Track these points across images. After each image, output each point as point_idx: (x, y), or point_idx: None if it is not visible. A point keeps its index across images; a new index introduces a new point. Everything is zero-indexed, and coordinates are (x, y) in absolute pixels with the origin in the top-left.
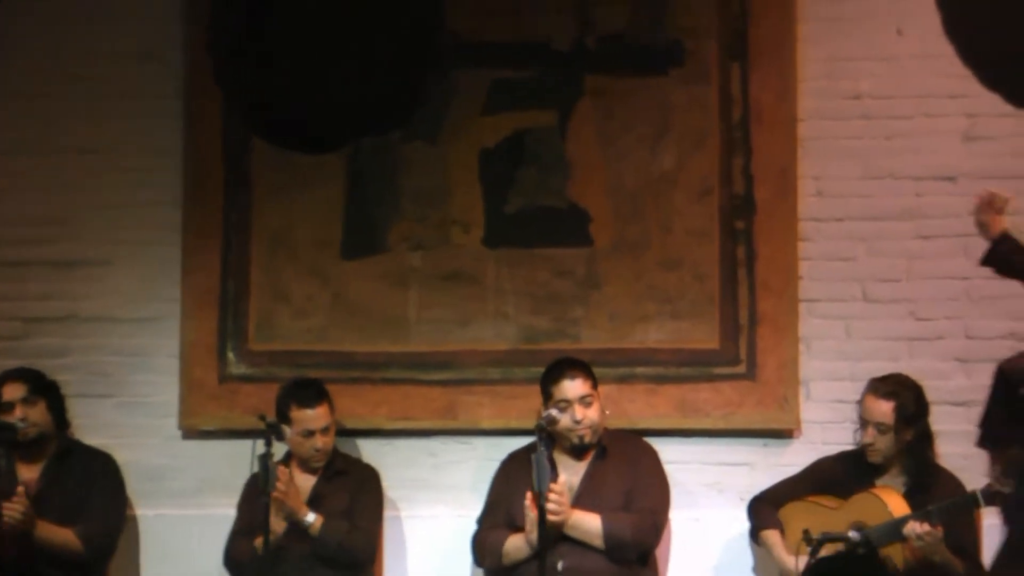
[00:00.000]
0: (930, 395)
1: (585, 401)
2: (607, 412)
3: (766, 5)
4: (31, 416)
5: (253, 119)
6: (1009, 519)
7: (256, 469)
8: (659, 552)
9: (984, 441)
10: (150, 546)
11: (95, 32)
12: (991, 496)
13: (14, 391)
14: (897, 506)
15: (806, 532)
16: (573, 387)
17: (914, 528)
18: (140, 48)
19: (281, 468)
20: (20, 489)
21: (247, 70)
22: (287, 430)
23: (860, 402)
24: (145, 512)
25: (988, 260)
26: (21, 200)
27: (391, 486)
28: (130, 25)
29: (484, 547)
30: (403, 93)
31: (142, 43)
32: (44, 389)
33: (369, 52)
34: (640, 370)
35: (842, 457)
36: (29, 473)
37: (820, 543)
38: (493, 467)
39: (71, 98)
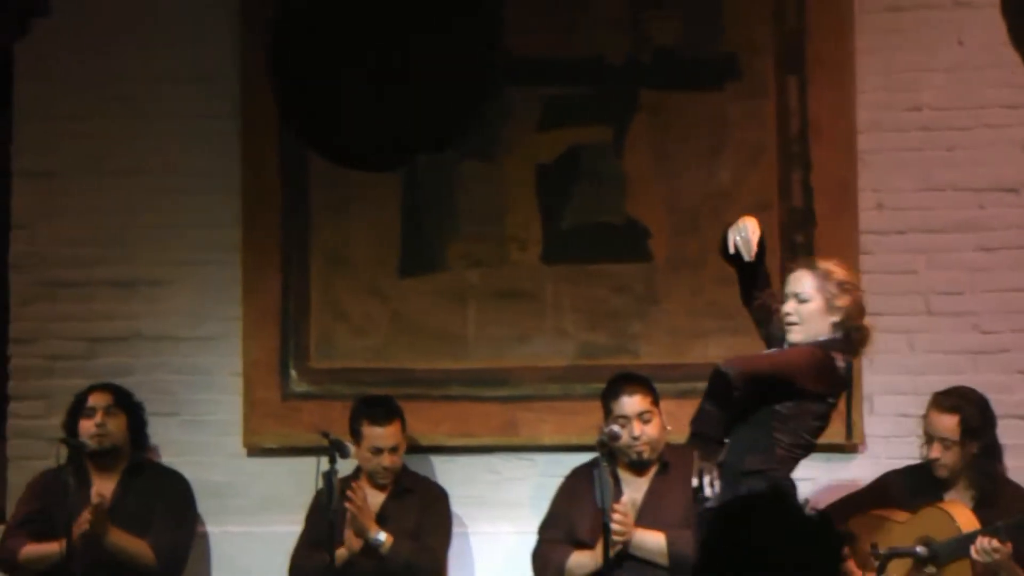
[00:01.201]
0: (995, 409)
1: (644, 417)
2: (669, 428)
3: (823, 18)
4: (109, 425)
5: (310, 137)
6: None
7: (321, 486)
8: None
9: (693, 440)
10: (217, 563)
11: (150, 54)
12: None
13: (99, 399)
14: (966, 521)
15: (874, 546)
16: (631, 403)
17: (983, 544)
18: (195, 69)
19: (356, 484)
20: (98, 496)
21: (306, 88)
22: (351, 447)
23: (925, 416)
24: (211, 529)
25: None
26: (83, 221)
27: (453, 502)
28: (184, 47)
29: (546, 561)
30: (460, 111)
31: (197, 64)
32: (128, 405)
33: (426, 70)
34: (701, 385)
35: (909, 471)
36: (104, 486)
37: (887, 558)
38: (554, 483)
39: (128, 120)
